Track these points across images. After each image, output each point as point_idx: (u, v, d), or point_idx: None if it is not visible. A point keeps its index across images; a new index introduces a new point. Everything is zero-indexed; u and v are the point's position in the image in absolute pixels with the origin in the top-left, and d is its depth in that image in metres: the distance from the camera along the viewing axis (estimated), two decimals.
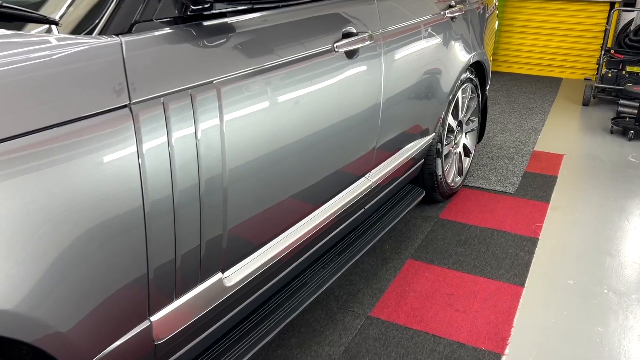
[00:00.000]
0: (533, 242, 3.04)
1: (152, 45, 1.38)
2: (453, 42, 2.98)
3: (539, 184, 3.76)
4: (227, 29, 1.60)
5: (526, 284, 2.68)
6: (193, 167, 1.46)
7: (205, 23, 1.56)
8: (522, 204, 3.47)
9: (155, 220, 1.39)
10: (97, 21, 1.34)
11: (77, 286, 1.24)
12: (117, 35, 1.34)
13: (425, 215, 3.33)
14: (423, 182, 3.26)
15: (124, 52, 1.31)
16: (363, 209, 2.55)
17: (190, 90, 1.44)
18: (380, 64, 2.28)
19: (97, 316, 1.31)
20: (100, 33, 1.33)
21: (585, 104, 5.54)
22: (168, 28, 1.45)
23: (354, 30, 2.11)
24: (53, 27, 1.33)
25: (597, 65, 5.78)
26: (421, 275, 2.75)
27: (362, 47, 2.14)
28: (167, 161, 1.39)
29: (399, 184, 2.86)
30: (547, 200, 3.51)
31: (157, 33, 1.41)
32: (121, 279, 1.35)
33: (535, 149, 4.37)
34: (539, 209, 3.40)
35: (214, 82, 1.51)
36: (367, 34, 2.16)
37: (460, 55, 3.08)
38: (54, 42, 1.23)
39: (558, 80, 6.52)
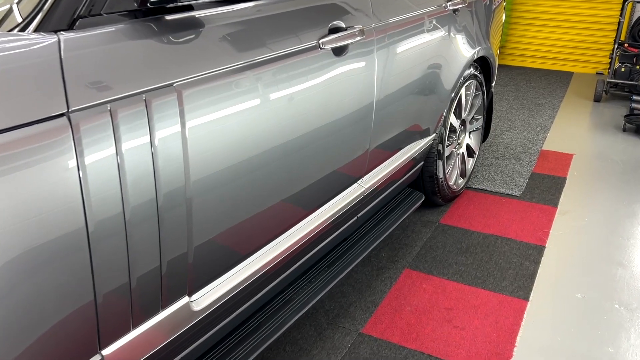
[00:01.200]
0: (539, 250, 2.85)
1: (98, 44, 1.20)
2: (455, 36, 2.79)
3: (546, 186, 3.56)
4: (194, 24, 1.42)
5: (531, 298, 2.49)
6: (148, 180, 1.28)
7: (169, 17, 1.38)
8: (528, 208, 3.27)
9: (103, 241, 1.22)
10: (32, 15, 1.16)
11: (10, 318, 1.07)
12: (56, 32, 1.16)
13: (425, 220, 3.14)
14: (423, 186, 3.07)
15: (62, 52, 1.13)
16: (355, 218, 2.37)
17: (144, 95, 1.26)
18: (373, 61, 2.09)
19: (36, 352, 1.15)
20: (37, 30, 1.15)
21: (597, 100, 5.32)
22: (121, 24, 1.27)
23: (343, 25, 1.92)
24: None
25: (609, 59, 5.55)
26: (418, 287, 2.56)
27: (352, 43, 1.95)
28: (115, 176, 1.21)
29: (395, 189, 2.68)
30: (555, 204, 3.32)
31: (106, 29, 1.24)
32: (63, 308, 1.18)
33: (543, 148, 4.17)
34: (546, 214, 3.21)
35: (175, 85, 1.33)
36: (358, 29, 1.97)
37: (463, 51, 2.88)
38: None
39: (569, 75, 6.29)
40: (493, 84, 3.52)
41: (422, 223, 3.11)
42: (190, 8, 1.44)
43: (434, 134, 2.87)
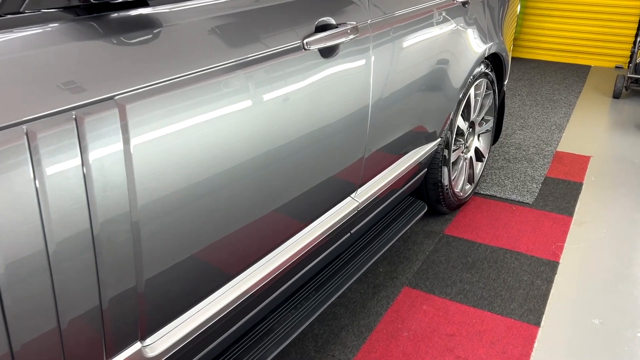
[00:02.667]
0: (552, 266, 2.61)
1: (12, 51, 0.97)
2: (464, 31, 2.53)
3: (561, 192, 3.30)
4: (147, 23, 1.18)
5: (542, 323, 2.25)
6: (78, 209, 1.06)
7: (115, 15, 1.14)
8: (541, 218, 3.02)
9: (19, 283, 1.00)
10: None
11: None
12: None
13: (429, 230, 2.90)
14: (426, 193, 2.83)
15: None
16: (348, 234, 2.14)
17: (74, 113, 1.03)
18: (369, 62, 1.84)
19: None
20: None
21: (616, 96, 5.03)
22: (49, 23, 1.04)
23: (333, 22, 1.68)
24: None
25: (630, 53, 5.24)
26: (418, 308, 2.33)
27: (343, 42, 1.70)
28: (34, 209, 0.99)
29: (395, 199, 2.44)
30: (570, 214, 3.07)
31: (24, 33, 1.00)
32: None
33: (558, 149, 3.91)
34: (560, 224, 2.96)
35: (116, 97, 1.10)
36: (350, 26, 1.72)
37: (473, 47, 2.62)
38: None
39: (586, 69, 5.99)
40: (505, 82, 3.26)
41: (425, 233, 2.87)
42: (142, 3, 1.20)
43: (439, 139, 2.62)
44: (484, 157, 3.20)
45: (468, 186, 3.10)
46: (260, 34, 1.43)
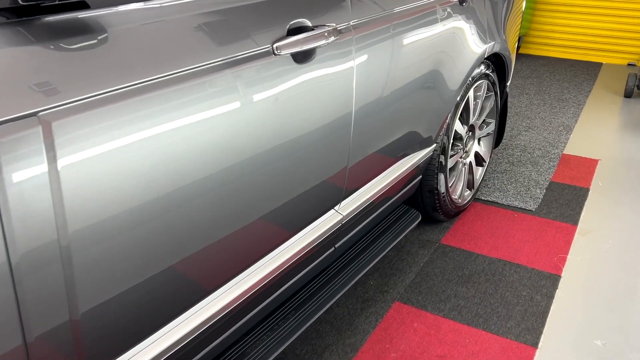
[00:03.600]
0: (553, 280, 2.46)
1: None
2: (462, 31, 2.38)
3: (566, 198, 3.15)
4: (85, 28, 1.05)
5: (540, 344, 2.11)
6: None
7: (49, 18, 1.01)
8: (544, 226, 2.87)
9: None
10: None
11: None
12: None
13: (424, 239, 2.76)
14: (422, 201, 2.69)
15: None
16: (332, 248, 2.00)
17: None
18: (351, 66, 1.70)
19: None
20: None
21: (628, 95, 4.84)
22: None
23: (308, 24, 1.54)
24: None
25: None
26: (409, 326, 2.20)
27: (321, 45, 1.56)
28: None
29: (385, 210, 2.30)
30: (575, 222, 2.91)
31: None
32: None
33: (565, 152, 3.74)
34: (564, 234, 2.81)
35: (40, 114, 0.97)
36: (328, 29, 1.58)
37: (472, 47, 2.47)
38: None
39: (597, 66, 5.80)
40: (508, 83, 3.10)
41: (420, 243, 2.73)
42: (82, 5, 1.07)
43: (435, 144, 2.48)
44: (485, 162, 3.05)
45: (467, 192, 2.95)
46: (222, 38, 1.30)
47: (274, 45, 1.42)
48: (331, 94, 1.64)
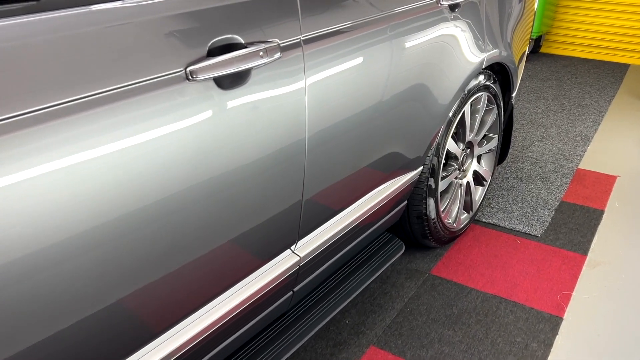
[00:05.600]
0: (554, 324, 2.17)
1: None
2: (453, 39, 2.09)
3: (577, 222, 2.83)
4: None
5: None
6: None
7: None
8: (548, 256, 2.57)
9: None
10: None
11: None
12: None
13: (413, 268, 2.48)
14: (409, 227, 2.41)
15: None
16: (290, 292, 1.74)
17: None
18: (301, 87, 1.44)
19: None
20: None
21: None
22: None
23: (240, 40, 1.27)
24: None
25: None
26: None
27: (258, 66, 1.30)
28: None
29: (360, 243, 2.04)
30: (585, 251, 2.60)
31: None
32: None
33: (580, 167, 3.41)
34: (570, 266, 2.50)
35: None
36: (269, 45, 1.31)
37: (466, 58, 2.18)
38: None
39: (624, 68, 5.42)
40: (514, 94, 2.79)
41: (408, 273, 2.45)
42: None
43: (422, 166, 2.19)
44: (486, 181, 2.75)
45: (464, 215, 2.66)
46: (116, 63, 1.04)
47: (188, 69, 1.16)
48: (273, 121, 1.38)
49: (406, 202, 2.25)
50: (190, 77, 1.16)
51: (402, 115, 1.92)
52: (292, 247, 1.66)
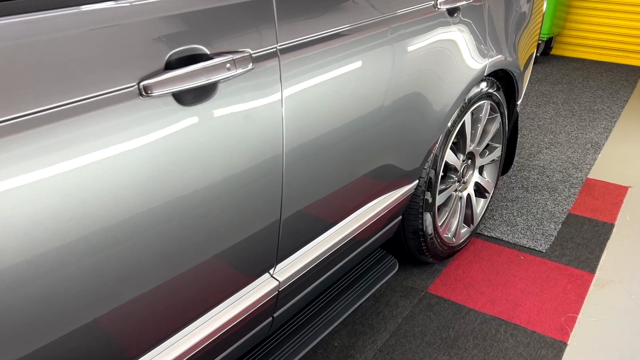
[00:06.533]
0: (557, 350, 2.03)
1: None
2: (451, 46, 1.95)
3: (585, 237, 2.69)
4: None
5: None
6: None
7: None
8: (553, 274, 2.43)
9: None
10: None
11: None
12: None
13: (408, 285, 2.35)
14: (405, 243, 2.28)
15: None
16: (270, 318, 1.62)
17: None
18: (276, 99, 1.31)
19: None
20: None
21: None
22: None
23: (204, 51, 1.15)
24: None
25: None
26: None
27: (227, 78, 1.17)
28: None
29: (349, 263, 1.91)
30: (593, 269, 2.46)
31: None
32: None
33: (589, 176, 3.27)
34: (577, 285, 2.36)
35: None
36: (239, 56, 1.19)
37: (466, 65, 2.05)
38: None
39: (638, 71, 5.24)
40: (519, 102, 2.65)
41: (403, 291, 2.32)
42: None
43: (418, 180, 2.06)
44: (488, 193, 2.61)
45: (465, 229, 2.52)
46: (56, 77, 0.92)
47: (142, 84, 1.03)
48: (245, 137, 1.26)
49: (401, 217, 2.12)
50: (144, 92, 1.04)
51: (395, 126, 1.79)
52: (271, 271, 1.54)
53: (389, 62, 1.67)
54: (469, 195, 2.47)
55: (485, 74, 2.18)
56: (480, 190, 2.56)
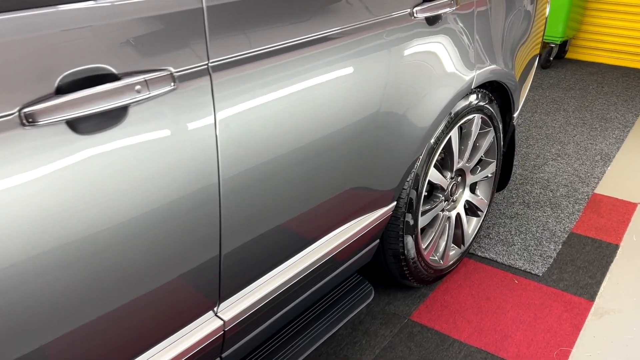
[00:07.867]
0: None
1: None
2: (431, 58, 1.79)
3: (586, 259, 2.50)
4: None
5: None
6: None
7: None
8: (549, 301, 2.25)
9: None
10: None
11: None
12: None
13: (390, 311, 2.19)
14: (386, 267, 2.12)
15: None
16: (218, 359, 1.47)
17: None
18: (208, 123, 1.17)
19: None
20: None
21: None
22: None
23: (111, 70, 1.00)
24: None
25: None
26: None
27: (138, 101, 1.03)
28: None
29: (314, 294, 1.75)
30: (592, 296, 2.27)
31: None
32: None
33: (596, 191, 3.07)
34: (574, 314, 2.18)
35: None
36: (155, 75, 1.04)
37: (449, 78, 1.88)
38: None
39: None
40: (516, 115, 2.47)
41: (384, 317, 2.16)
42: None
43: (395, 202, 1.90)
44: (482, 212, 2.44)
45: (454, 251, 2.35)
46: None
47: (23, 111, 0.89)
48: (167, 166, 1.11)
49: (378, 240, 1.96)
50: (25, 121, 0.89)
51: (365, 146, 1.63)
52: (215, 309, 1.39)
53: (354, 77, 1.51)
54: (458, 215, 2.29)
55: (473, 87, 2.01)
56: (472, 209, 2.39)
